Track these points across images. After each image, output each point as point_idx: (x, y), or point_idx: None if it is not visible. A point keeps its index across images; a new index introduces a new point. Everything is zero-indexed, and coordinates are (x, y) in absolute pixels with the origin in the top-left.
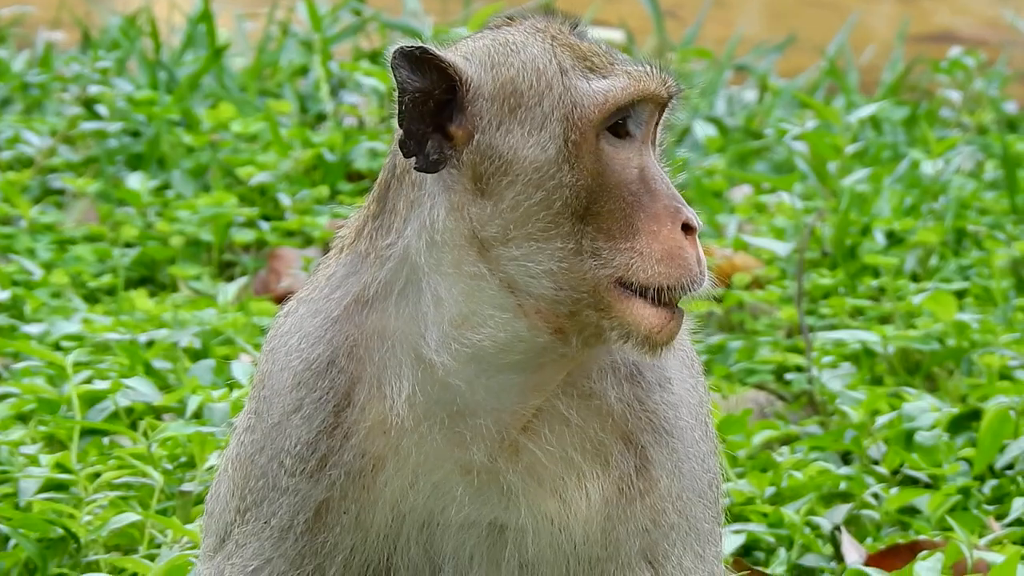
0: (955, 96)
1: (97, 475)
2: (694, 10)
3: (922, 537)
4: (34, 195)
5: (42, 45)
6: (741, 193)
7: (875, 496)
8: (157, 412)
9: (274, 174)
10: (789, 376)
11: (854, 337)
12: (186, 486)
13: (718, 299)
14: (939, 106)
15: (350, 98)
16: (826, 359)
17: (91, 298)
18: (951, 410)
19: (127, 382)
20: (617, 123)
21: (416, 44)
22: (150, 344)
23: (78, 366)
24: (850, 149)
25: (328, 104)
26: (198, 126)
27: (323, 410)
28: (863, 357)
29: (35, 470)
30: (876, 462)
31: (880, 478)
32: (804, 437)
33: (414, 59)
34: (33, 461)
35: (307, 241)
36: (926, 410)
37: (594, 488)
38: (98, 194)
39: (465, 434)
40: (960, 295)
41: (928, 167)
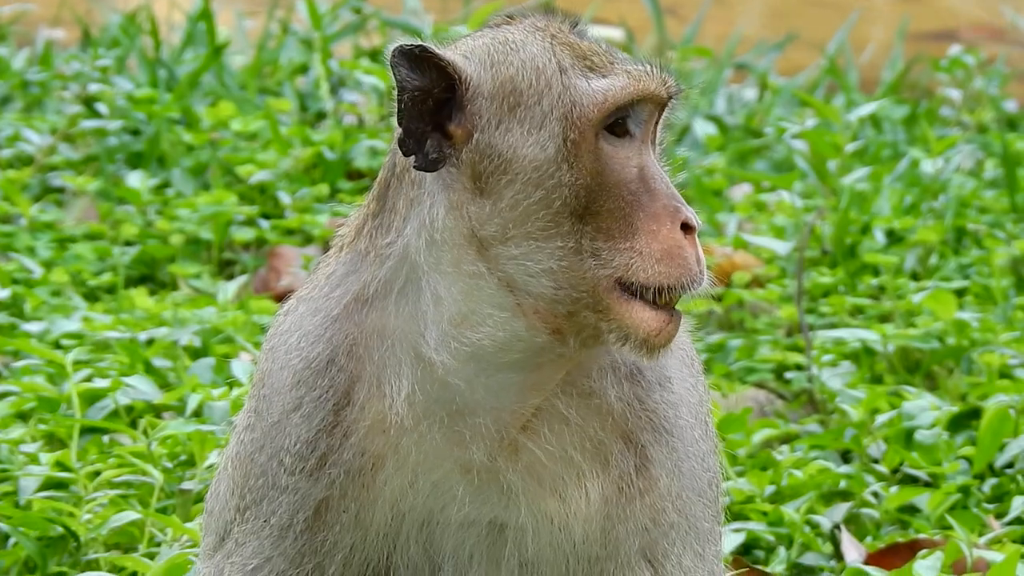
0: (955, 94)
1: (97, 473)
2: (694, 8)
3: (922, 536)
4: (34, 193)
5: (42, 43)
6: (741, 192)
7: (875, 495)
8: (157, 410)
9: (274, 172)
10: (789, 375)
11: (854, 336)
12: (186, 484)
13: (718, 298)
14: (939, 104)
15: (350, 96)
16: (826, 358)
17: (91, 296)
18: (951, 409)
19: (127, 380)
20: (616, 122)
21: (415, 42)
22: (150, 342)
23: (78, 364)
24: (850, 148)
25: (328, 102)
26: (198, 124)
27: (323, 409)
28: (863, 356)
29: (35, 468)
30: (876, 461)
31: (880, 477)
32: (804, 436)
33: (413, 57)
34: (33, 459)
35: (307, 239)
36: (926, 409)
37: (594, 487)
38: (98, 192)
39: (464, 433)
40: (960, 294)
41: (928, 166)
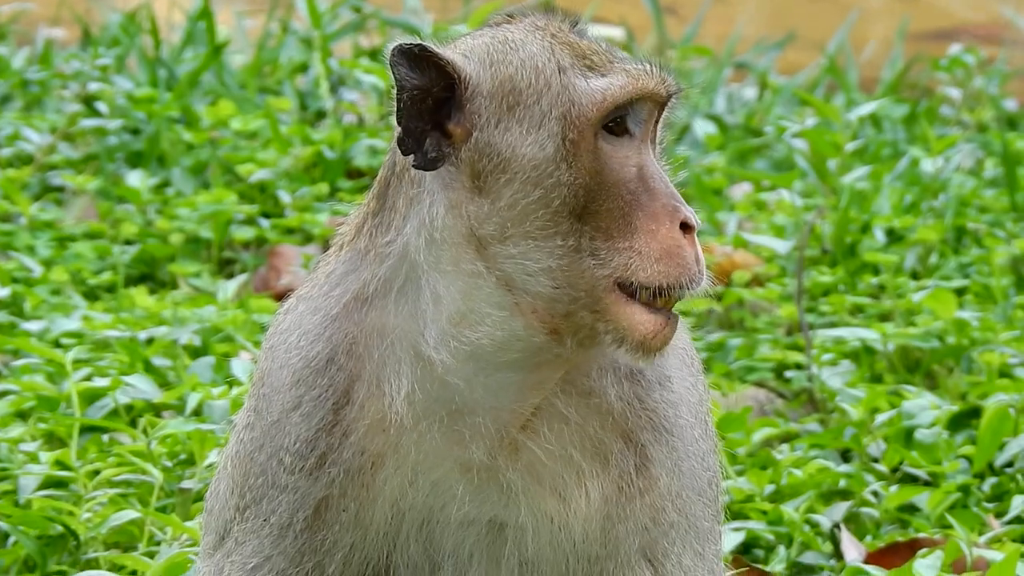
0: (955, 93)
1: (97, 472)
2: (694, 7)
3: (922, 535)
4: (34, 192)
5: (42, 42)
6: (741, 191)
7: (875, 494)
8: (157, 409)
9: (274, 171)
10: (789, 374)
11: (854, 335)
12: (186, 483)
13: (718, 296)
14: (939, 103)
15: (350, 95)
16: (826, 357)
17: (91, 295)
18: (951, 408)
19: (127, 379)
20: (615, 121)
21: (415, 41)
22: (150, 341)
23: (78, 363)
24: (850, 147)
25: (328, 101)
26: (198, 123)
27: (322, 408)
28: (863, 355)
29: (35, 467)
30: (876, 460)
31: (880, 476)
32: (804, 435)
33: (413, 56)
34: (33, 458)
35: (307, 238)
36: (926, 408)
37: (593, 486)
38: (98, 191)
39: (464, 432)
40: (960, 293)
41: (928, 165)
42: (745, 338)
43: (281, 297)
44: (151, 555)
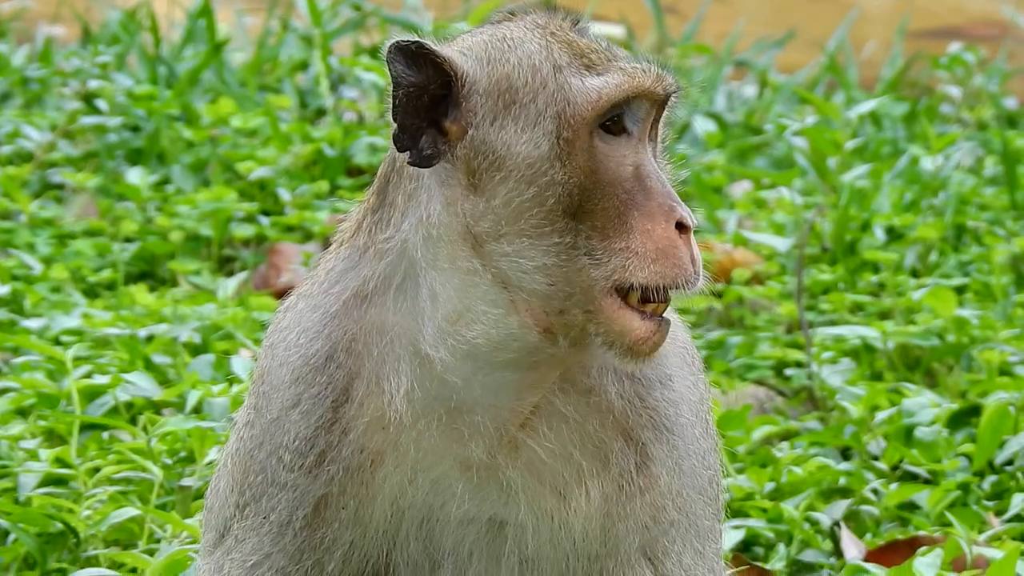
0: (955, 92)
1: (97, 470)
2: (694, 5)
3: (921, 533)
4: (34, 190)
5: (42, 40)
6: (741, 189)
7: (875, 492)
8: (157, 407)
9: (274, 169)
10: (789, 372)
11: (854, 333)
12: (186, 481)
13: (718, 295)
14: (939, 102)
15: (350, 93)
16: (826, 355)
17: (91, 293)
18: (951, 406)
19: (127, 377)
20: (613, 120)
21: (412, 39)
22: (150, 339)
23: (78, 361)
24: (850, 145)
25: (328, 99)
26: (198, 121)
27: (321, 405)
28: (863, 353)
29: (35, 465)
30: (876, 458)
31: (880, 474)
32: (804, 433)
33: (410, 53)
34: (33, 456)
35: (307, 236)
36: (926, 406)
37: (594, 485)
38: (98, 189)
39: (463, 430)
40: (960, 291)
41: (928, 163)
42: (745, 336)
43: (281, 295)
44: (151, 552)
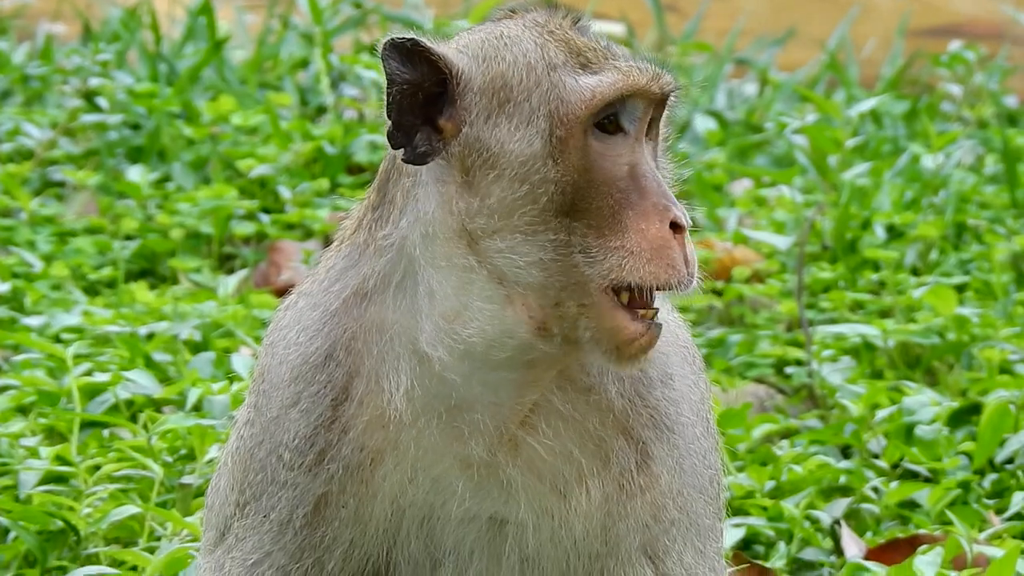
0: (955, 90)
1: (97, 468)
2: (695, 3)
3: (922, 531)
4: (34, 187)
5: (43, 37)
6: (741, 187)
7: (875, 490)
8: (157, 405)
9: (274, 167)
10: (789, 370)
11: (854, 331)
12: (186, 479)
13: (718, 293)
14: (939, 100)
15: (350, 91)
16: (826, 353)
17: (91, 290)
18: (951, 404)
19: (127, 375)
20: (608, 119)
21: (407, 36)
22: (150, 337)
23: (78, 358)
24: (850, 143)
25: (328, 97)
26: (198, 119)
27: (321, 404)
28: (863, 351)
29: (35, 462)
30: (876, 456)
31: (880, 472)
32: (804, 431)
33: (405, 51)
34: (33, 453)
35: (307, 234)
36: (926, 404)
37: (594, 483)
38: (98, 186)
39: (463, 428)
40: (960, 289)
41: (928, 161)
42: (745, 334)
43: (281, 293)
44: (151, 550)
